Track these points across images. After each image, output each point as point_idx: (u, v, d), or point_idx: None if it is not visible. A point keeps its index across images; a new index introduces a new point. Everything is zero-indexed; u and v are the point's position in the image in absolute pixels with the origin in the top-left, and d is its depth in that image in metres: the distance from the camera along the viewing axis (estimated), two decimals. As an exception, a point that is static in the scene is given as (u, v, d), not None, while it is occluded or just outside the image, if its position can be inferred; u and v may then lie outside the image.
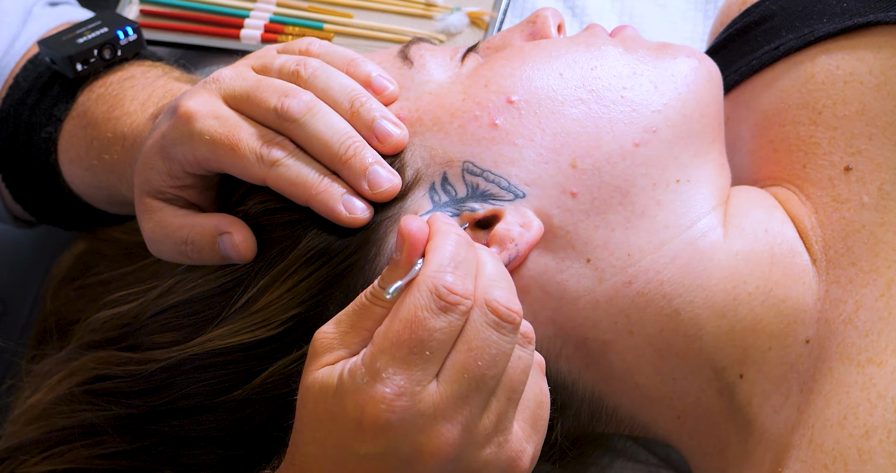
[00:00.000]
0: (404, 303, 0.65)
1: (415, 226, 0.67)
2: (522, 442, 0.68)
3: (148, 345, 0.77)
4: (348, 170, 0.72)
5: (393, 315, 0.65)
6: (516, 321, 0.66)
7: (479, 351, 0.65)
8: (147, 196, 0.77)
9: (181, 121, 0.74)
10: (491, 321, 0.65)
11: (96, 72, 0.94)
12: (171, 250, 0.76)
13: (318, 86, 0.74)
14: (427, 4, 1.06)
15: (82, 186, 0.93)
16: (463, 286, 0.65)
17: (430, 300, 0.64)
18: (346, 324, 0.67)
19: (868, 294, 0.75)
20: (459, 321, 0.65)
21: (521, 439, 0.68)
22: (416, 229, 0.67)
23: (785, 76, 0.84)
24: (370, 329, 0.66)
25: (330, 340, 0.67)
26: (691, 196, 0.77)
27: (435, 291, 0.64)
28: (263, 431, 0.75)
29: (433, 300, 0.64)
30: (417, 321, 0.64)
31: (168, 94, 0.89)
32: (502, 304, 0.65)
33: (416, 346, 0.64)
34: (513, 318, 0.65)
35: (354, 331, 0.66)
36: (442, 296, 0.64)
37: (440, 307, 0.64)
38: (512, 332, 0.66)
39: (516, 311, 0.66)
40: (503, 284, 0.67)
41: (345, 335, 0.66)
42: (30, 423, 0.81)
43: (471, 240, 0.68)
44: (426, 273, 0.65)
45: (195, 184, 0.76)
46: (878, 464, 0.69)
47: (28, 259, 1.10)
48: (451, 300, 0.64)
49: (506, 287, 0.67)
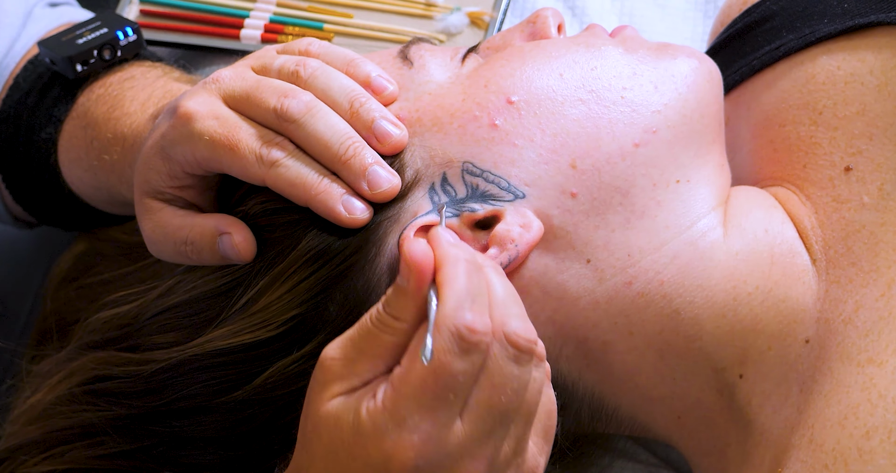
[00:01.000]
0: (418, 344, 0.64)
1: (419, 251, 0.65)
2: (537, 457, 0.68)
3: (148, 346, 0.77)
4: (348, 170, 0.72)
5: (413, 358, 0.64)
6: (534, 350, 0.65)
7: (503, 387, 0.64)
8: (147, 197, 0.77)
9: (181, 121, 0.73)
10: (511, 354, 0.64)
11: (96, 72, 0.94)
12: (170, 250, 0.76)
13: (317, 86, 0.74)
14: (427, 4, 1.06)
15: (82, 186, 0.93)
16: (483, 323, 0.63)
17: (452, 342, 0.63)
18: (354, 350, 0.65)
19: (868, 294, 0.75)
20: (480, 358, 0.63)
21: (535, 454, 0.68)
22: (420, 254, 0.65)
23: (785, 76, 0.84)
24: (380, 357, 0.65)
25: (339, 367, 0.65)
26: (691, 196, 0.77)
27: (457, 332, 0.63)
28: (263, 432, 0.75)
29: (456, 343, 0.63)
30: (441, 366, 0.63)
31: (168, 94, 0.89)
32: (521, 336, 0.64)
33: (441, 391, 0.63)
34: (531, 348, 0.65)
35: (363, 358, 0.65)
36: (464, 337, 0.63)
37: (463, 348, 0.63)
38: (530, 362, 0.65)
39: (534, 340, 0.65)
40: (517, 310, 0.66)
41: (354, 362, 0.65)
42: (30, 423, 0.81)
43: (478, 263, 0.67)
44: (445, 314, 0.63)
45: (195, 184, 0.76)
46: (878, 464, 0.69)
47: (28, 259, 1.10)
48: (473, 340, 0.63)
49: (520, 314, 0.66)
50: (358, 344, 0.65)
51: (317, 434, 0.65)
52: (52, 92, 0.94)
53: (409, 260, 0.65)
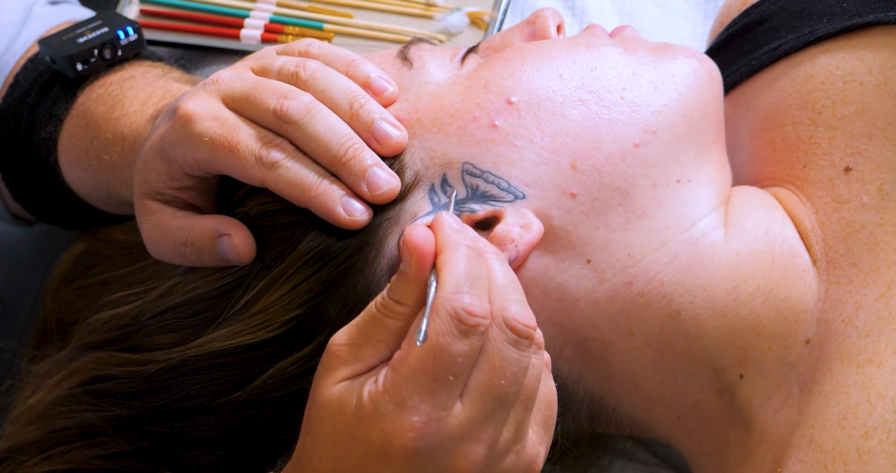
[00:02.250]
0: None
1: (420, 236, 0.66)
2: (537, 446, 0.68)
3: (148, 346, 0.77)
4: (347, 172, 0.72)
5: (412, 341, 0.64)
6: (533, 335, 0.66)
7: (502, 370, 0.65)
8: (146, 197, 0.77)
9: (180, 122, 0.73)
10: (510, 338, 0.65)
11: (97, 71, 0.94)
12: (170, 251, 0.76)
13: (317, 87, 0.74)
14: (427, 4, 1.06)
15: (82, 186, 0.93)
16: (481, 306, 0.64)
17: (450, 324, 0.63)
18: (359, 336, 0.66)
19: (868, 295, 0.75)
20: (479, 341, 0.64)
21: (535, 443, 0.68)
22: (422, 239, 0.66)
23: (785, 76, 0.84)
24: (385, 341, 0.66)
25: (344, 352, 0.66)
26: (692, 196, 0.77)
27: (455, 315, 0.64)
28: (263, 432, 0.75)
29: (454, 325, 0.63)
30: (440, 347, 0.63)
31: (168, 94, 0.89)
32: (520, 321, 0.65)
33: (440, 372, 0.63)
34: (530, 333, 0.65)
35: (369, 344, 0.66)
36: (462, 320, 0.64)
37: (461, 331, 0.63)
38: (530, 347, 0.66)
39: (532, 325, 0.66)
40: (517, 296, 0.67)
41: (359, 347, 0.66)
42: (30, 423, 0.81)
43: (479, 247, 0.68)
44: (443, 296, 0.64)
45: (194, 186, 0.76)
46: (877, 464, 0.69)
47: (28, 259, 1.10)
48: (471, 322, 0.64)
49: (520, 299, 0.67)
50: (363, 330, 0.66)
51: (319, 419, 0.66)
52: (53, 91, 0.94)
53: (410, 244, 0.65)
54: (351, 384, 0.65)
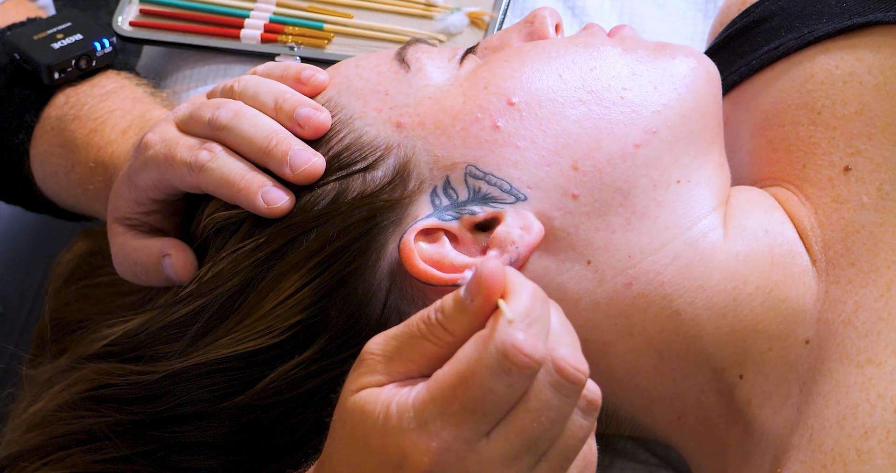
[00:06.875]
0: (465, 351, 0.60)
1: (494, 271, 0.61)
2: None
3: (151, 356, 0.77)
4: (271, 160, 0.74)
5: (453, 361, 0.61)
6: (581, 381, 0.61)
7: (538, 413, 0.60)
8: (115, 223, 0.80)
9: (140, 151, 0.77)
10: (554, 380, 0.60)
11: (69, 80, 0.96)
12: (127, 271, 0.80)
13: (247, 94, 0.77)
14: (427, 4, 1.06)
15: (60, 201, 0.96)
16: (534, 346, 0.59)
17: (493, 358, 0.59)
18: (394, 350, 0.63)
19: (867, 295, 0.75)
20: (522, 382, 0.60)
21: None
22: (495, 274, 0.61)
23: (784, 76, 0.84)
24: (416, 363, 0.62)
25: (375, 360, 0.63)
26: (692, 197, 0.77)
27: (502, 349, 0.59)
28: (265, 436, 0.75)
29: (497, 360, 0.59)
30: (474, 377, 0.59)
31: (147, 123, 0.92)
32: (570, 363, 0.60)
33: (469, 404, 0.59)
34: (579, 379, 0.61)
35: (400, 360, 0.63)
36: (509, 356, 0.59)
37: (503, 368, 0.59)
38: (575, 394, 0.61)
39: (583, 371, 0.61)
40: (569, 339, 0.62)
41: (390, 361, 0.63)
42: (30, 430, 0.81)
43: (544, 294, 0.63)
44: (497, 328, 0.59)
45: (160, 210, 0.79)
46: (876, 465, 0.69)
47: (28, 259, 1.10)
48: (518, 361, 0.59)
49: (571, 343, 0.62)
50: (399, 346, 0.63)
51: (342, 423, 0.64)
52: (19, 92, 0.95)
53: (481, 278, 0.61)
54: (376, 391, 0.63)
